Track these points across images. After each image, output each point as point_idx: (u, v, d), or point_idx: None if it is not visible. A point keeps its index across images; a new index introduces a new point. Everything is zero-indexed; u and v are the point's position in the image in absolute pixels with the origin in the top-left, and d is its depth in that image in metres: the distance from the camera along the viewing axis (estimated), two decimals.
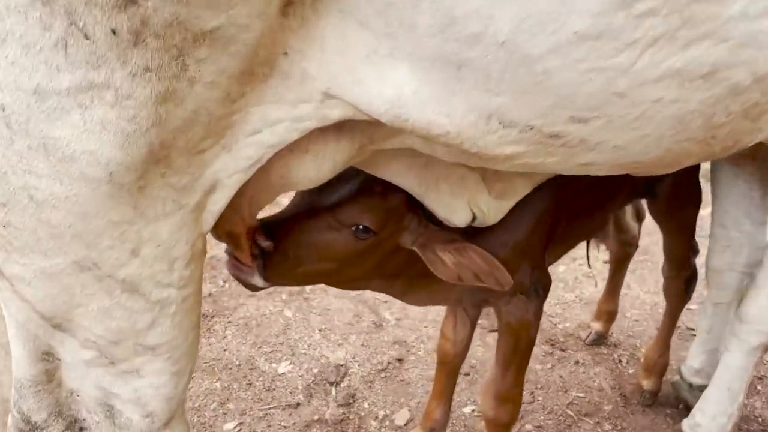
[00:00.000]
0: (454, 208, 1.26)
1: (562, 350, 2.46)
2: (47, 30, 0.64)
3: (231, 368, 2.30)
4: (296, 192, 1.25)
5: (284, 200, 1.31)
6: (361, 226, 1.17)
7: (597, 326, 2.48)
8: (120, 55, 0.67)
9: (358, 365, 2.34)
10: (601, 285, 2.77)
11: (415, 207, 1.25)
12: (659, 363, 2.19)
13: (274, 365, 2.32)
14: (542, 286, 1.46)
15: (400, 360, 2.38)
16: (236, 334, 2.48)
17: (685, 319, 2.70)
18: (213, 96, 0.75)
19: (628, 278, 2.98)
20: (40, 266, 0.79)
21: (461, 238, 1.26)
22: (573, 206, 1.48)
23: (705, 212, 2.11)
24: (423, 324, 2.58)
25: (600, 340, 2.49)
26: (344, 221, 1.18)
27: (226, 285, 2.74)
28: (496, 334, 2.54)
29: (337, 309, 2.64)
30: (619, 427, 2.13)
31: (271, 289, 2.74)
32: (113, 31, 0.65)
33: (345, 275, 1.27)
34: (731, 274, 1.88)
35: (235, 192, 0.89)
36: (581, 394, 2.26)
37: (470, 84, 0.80)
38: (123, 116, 0.70)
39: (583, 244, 1.91)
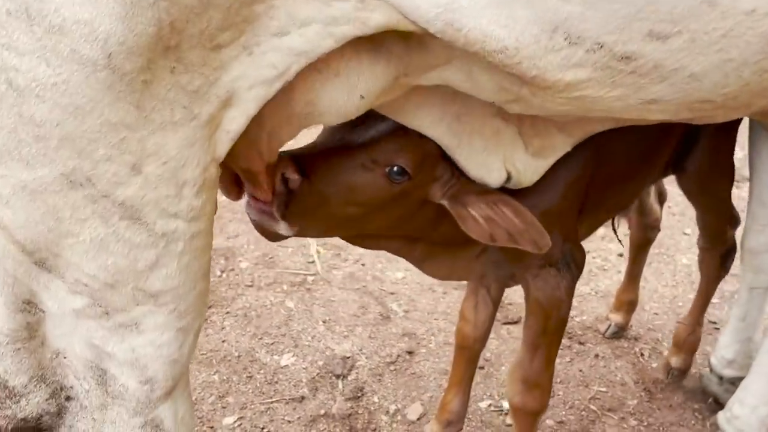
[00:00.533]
0: (489, 167, 1.14)
1: (580, 343, 2.33)
2: None
3: (230, 360, 2.14)
4: (324, 129, 1.12)
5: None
6: (396, 168, 1.06)
7: (617, 318, 2.35)
8: None
9: (366, 358, 2.19)
10: (617, 278, 2.66)
11: (448, 158, 1.12)
12: (689, 340, 2.08)
13: (276, 357, 2.17)
14: (575, 260, 1.33)
15: (410, 353, 2.24)
16: (235, 326, 2.32)
17: (706, 313, 2.59)
18: None
19: (645, 271, 2.85)
20: (20, 179, 0.65)
21: (496, 191, 1.15)
22: (607, 173, 1.36)
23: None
24: (433, 316, 2.44)
25: (620, 332, 2.36)
26: (379, 160, 1.06)
27: (224, 275, 2.59)
28: (511, 326, 2.42)
29: (341, 300, 2.49)
30: (645, 423, 2.00)
31: (271, 279, 2.60)
32: None
33: (369, 225, 1.15)
34: None
35: (255, 111, 0.76)
36: (603, 389, 2.13)
37: None
38: None
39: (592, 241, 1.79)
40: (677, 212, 3.33)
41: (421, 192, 1.14)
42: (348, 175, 1.06)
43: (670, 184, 2.08)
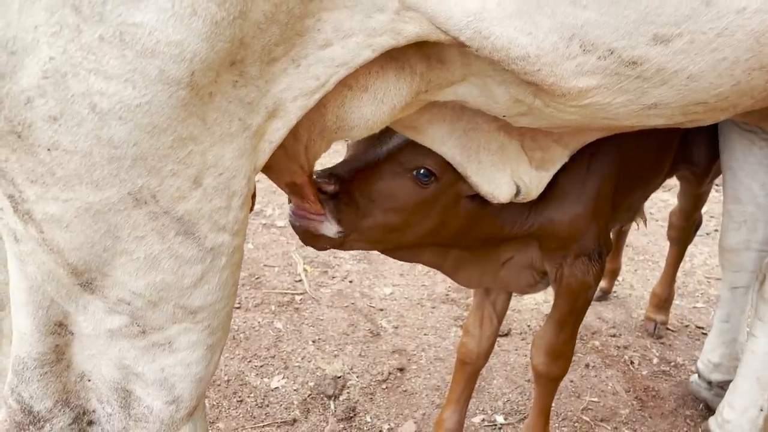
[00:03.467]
0: (498, 181, 1.20)
1: None
2: None
3: (219, 384, 2.11)
4: (351, 147, 1.22)
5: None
6: (422, 170, 1.16)
7: (602, 283, 2.59)
8: None
9: (357, 377, 2.18)
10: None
11: None
12: (668, 297, 2.42)
13: (266, 380, 2.15)
14: (605, 250, 1.48)
15: (401, 369, 2.23)
16: (223, 349, 2.29)
17: (693, 318, 2.62)
18: None
19: (630, 278, 2.89)
20: (86, 202, 0.64)
21: None
22: (628, 174, 1.50)
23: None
24: (423, 331, 2.44)
25: (604, 296, 2.65)
26: (406, 164, 1.16)
27: None
28: (501, 339, 2.42)
29: (330, 319, 2.48)
30: None
31: (259, 300, 2.58)
32: None
33: (409, 233, 1.23)
34: (748, 253, 1.79)
35: (295, 122, 0.78)
36: (595, 399, 2.13)
37: None
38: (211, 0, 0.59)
39: None
40: (660, 218, 3.37)
41: (450, 192, 1.22)
42: (380, 183, 1.17)
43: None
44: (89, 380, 0.80)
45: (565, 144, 1.22)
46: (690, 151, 1.86)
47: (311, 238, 1.16)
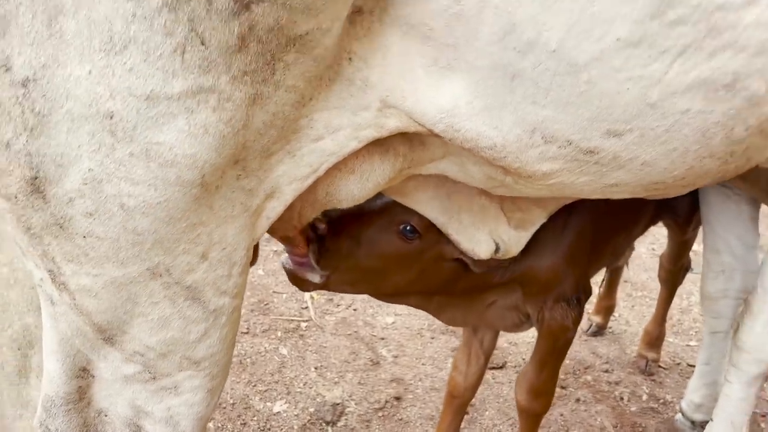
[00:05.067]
0: (478, 239, 1.30)
1: (562, 387, 2.42)
2: (169, 36, 0.65)
3: (225, 407, 2.24)
4: None
5: None
6: (408, 227, 1.28)
7: (597, 319, 2.74)
8: (226, 59, 0.69)
9: (355, 404, 2.29)
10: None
11: None
12: (659, 335, 2.51)
13: (269, 404, 2.27)
14: (584, 295, 1.59)
15: (398, 398, 2.33)
16: (230, 373, 2.42)
17: (685, 356, 2.68)
18: (290, 99, 0.78)
19: (627, 314, 2.97)
20: (112, 276, 0.78)
21: None
22: (605, 228, 1.61)
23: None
24: (421, 361, 2.54)
25: (600, 331, 2.74)
26: (393, 219, 1.29)
27: None
28: (495, 371, 2.51)
29: (333, 346, 2.60)
30: None
31: (266, 326, 2.72)
32: (224, 37, 0.67)
33: (390, 281, 1.35)
34: (725, 301, 1.87)
35: (291, 200, 0.91)
36: None
37: (520, 96, 0.84)
38: (222, 119, 0.72)
39: None
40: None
41: (434, 250, 1.33)
42: (368, 231, 1.29)
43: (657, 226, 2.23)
44: (106, 416, 0.94)
45: (543, 206, 1.32)
46: (672, 201, 1.95)
47: (298, 281, 1.30)
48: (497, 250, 1.31)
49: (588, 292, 1.63)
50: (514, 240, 1.33)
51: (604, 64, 0.82)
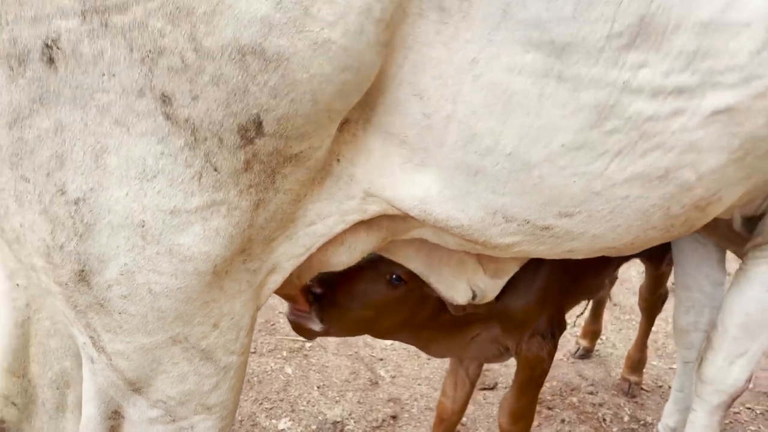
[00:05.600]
0: (456, 288, 1.46)
1: (549, 408, 2.57)
2: (189, 167, 0.82)
3: (234, 424, 2.42)
4: None
5: None
6: (394, 275, 1.46)
7: (584, 343, 2.89)
8: (235, 179, 0.86)
9: (354, 422, 2.46)
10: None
11: None
12: (641, 359, 2.67)
13: (274, 421, 2.45)
14: (558, 330, 1.76)
15: (394, 417, 2.50)
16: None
17: (668, 378, 2.82)
18: (288, 199, 0.95)
19: (614, 337, 3.11)
20: (141, 343, 0.96)
21: None
22: (579, 267, 1.72)
23: None
24: (417, 382, 2.71)
25: (587, 354, 2.90)
26: (382, 271, 1.46)
27: None
28: (487, 392, 2.67)
29: (335, 366, 2.77)
30: None
31: (272, 345, 2.90)
32: (233, 164, 0.85)
33: (382, 323, 1.54)
34: (696, 333, 2.02)
35: (289, 274, 1.09)
36: None
37: (482, 187, 1.00)
38: (231, 223, 0.89)
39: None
40: None
41: (418, 291, 1.50)
42: (360, 285, 1.47)
43: None
44: None
45: (517, 258, 1.46)
46: None
47: (302, 330, 1.47)
48: (474, 297, 1.47)
49: (562, 327, 1.80)
50: (490, 287, 1.49)
51: (552, 164, 0.98)
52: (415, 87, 0.91)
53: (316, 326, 1.45)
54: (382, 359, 2.83)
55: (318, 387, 2.64)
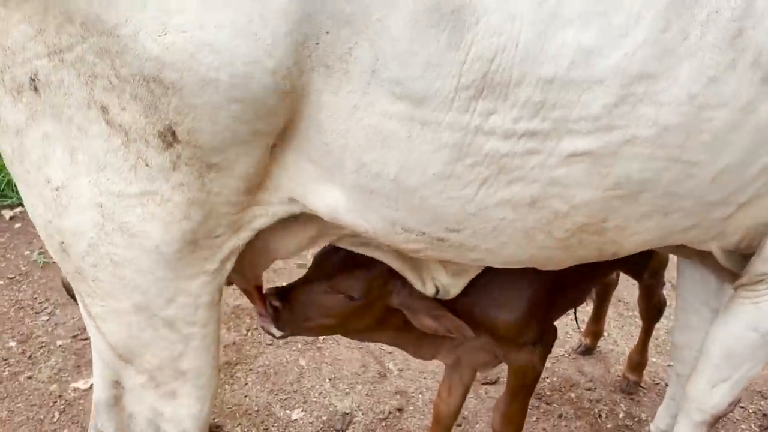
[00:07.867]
0: (423, 282, 1.61)
1: (547, 404, 2.71)
2: (126, 161, 1.05)
3: (250, 414, 2.61)
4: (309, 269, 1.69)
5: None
6: (350, 296, 1.56)
7: (586, 341, 2.98)
8: (165, 175, 1.06)
9: (362, 414, 2.63)
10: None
11: (399, 275, 1.60)
12: (641, 362, 2.77)
13: (288, 412, 2.63)
14: (549, 338, 1.85)
15: (400, 410, 2.66)
16: (256, 381, 2.79)
17: (665, 376, 2.93)
18: (221, 200, 1.13)
19: (615, 334, 3.21)
20: (112, 307, 1.20)
21: (440, 306, 1.64)
22: (564, 279, 1.81)
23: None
24: (423, 375, 2.86)
25: (588, 352, 2.99)
26: (336, 288, 1.57)
27: (249, 334, 3.06)
28: (489, 387, 2.81)
29: (346, 359, 2.93)
30: None
31: (288, 338, 3.05)
32: (161, 162, 1.05)
33: (348, 328, 1.66)
34: (691, 351, 2.11)
35: (234, 261, 1.27)
36: None
37: (378, 204, 1.16)
38: (165, 211, 1.09)
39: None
40: None
41: (380, 302, 1.62)
42: (317, 298, 1.58)
43: None
44: (135, 418, 1.36)
45: None
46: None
47: (267, 332, 1.63)
48: (437, 292, 1.60)
49: (553, 334, 1.89)
50: (452, 284, 1.61)
51: (429, 189, 1.12)
52: (316, 122, 1.07)
53: (276, 332, 1.60)
54: (391, 352, 2.98)
55: (329, 379, 2.81)
